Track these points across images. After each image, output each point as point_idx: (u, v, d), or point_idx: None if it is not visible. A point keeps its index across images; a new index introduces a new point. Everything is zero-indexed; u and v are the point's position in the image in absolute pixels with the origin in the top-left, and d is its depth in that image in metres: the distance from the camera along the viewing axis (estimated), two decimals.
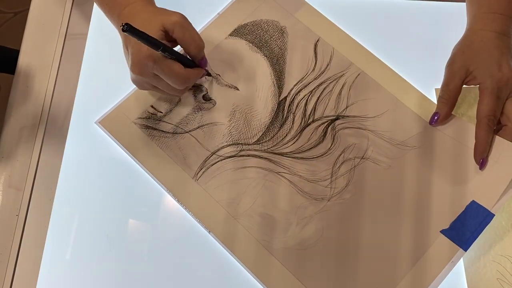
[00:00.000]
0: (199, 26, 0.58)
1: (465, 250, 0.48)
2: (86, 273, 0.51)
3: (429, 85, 0.57)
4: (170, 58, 0.48)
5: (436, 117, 0.53)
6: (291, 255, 0.49)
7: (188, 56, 0.51)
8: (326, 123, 0.55)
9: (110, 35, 0.56)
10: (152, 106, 0.56)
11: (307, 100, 0.56)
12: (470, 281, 0.49)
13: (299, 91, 0.56)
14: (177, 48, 0.51)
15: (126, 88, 0.57)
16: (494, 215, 0.49)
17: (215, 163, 0.53)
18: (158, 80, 0.49)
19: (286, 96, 0.56)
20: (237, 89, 0.57)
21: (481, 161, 0.51)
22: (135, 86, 0.52)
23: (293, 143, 0.54)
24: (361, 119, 0.55)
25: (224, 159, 0.53)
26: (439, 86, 0.54)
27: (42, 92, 0.59)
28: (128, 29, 0.42)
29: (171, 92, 0.52)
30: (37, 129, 0.57)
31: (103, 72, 0.59)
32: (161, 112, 0.55)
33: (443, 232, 0.49)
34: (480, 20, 0.53)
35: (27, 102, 0.58)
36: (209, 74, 0.56)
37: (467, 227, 0.49)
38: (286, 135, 0.54)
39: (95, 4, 0.61)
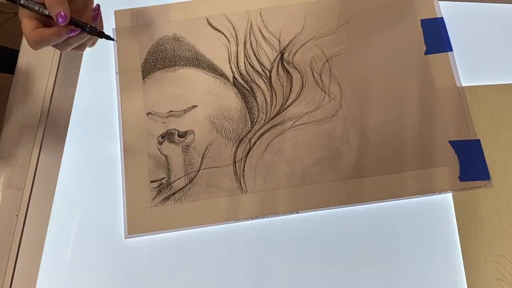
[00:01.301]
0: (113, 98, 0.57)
1: (489, 179, 0.52)
2: (86, 273, 0.51)
3: None
4: (31, 8, 0.42)
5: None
6: (362, 165, 0.53)
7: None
8: (279, 64, 0.58)
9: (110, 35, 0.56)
10: (152, 181, 0.54)
11: (250, 63, 0.58)
12: (470, 281, 0.49)
13: (237, 64, 0.58)
14: None
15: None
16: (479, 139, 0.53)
17: (244, 167, 0.54)
18: None
19: (233, 75, 0.57)
20: (196, 106, 0.56)
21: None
22: (124, 177, 0.54)
23: (276, 99, 0.56)
24: (296, 39, 0.58)
25: (246, 158, 0.54)
26: None
27: (42, 92, 0.59)
28: None
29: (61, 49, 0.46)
30: (36, 129, 0.57)
31: (103, 72, 0.59)
32: (163, 177, 0.54)
33: (461, 179, 0.52)
34: None
35: (26, 102, 0.58)
36: (103, 35, 0.47)
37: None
38: (265, 98, 0.56)
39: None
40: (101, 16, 0.47)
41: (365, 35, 0.58)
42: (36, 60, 0.60)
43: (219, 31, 0.59)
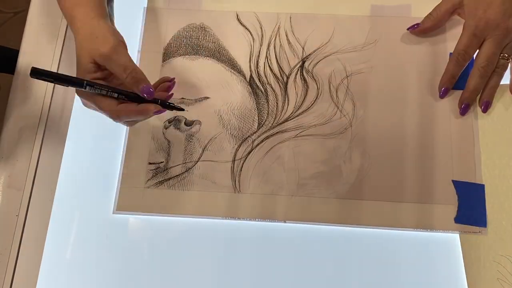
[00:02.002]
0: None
1: (485, 226, 0.50)
2: (86, 273, 0.51)
3: None
4: (107, 93, 0.45)
5: (415, 25, 0.57)
6: (360, 187, 0.52)
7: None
8: (298, 71, 0.57)
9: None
10: (150, 163, 0.54)
11: (269, 66, 0.58)
12: (470, 281, 0.49)
13: (257, 64, 0.58)
14: None
15: None
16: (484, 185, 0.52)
17: (242, 167, 0.54)
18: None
19: (251, 75, 0.57)
20: (208, 97, 0.57)
21: (443, 90, 0.54)
22: (123, 155, 0.54)
23: (288, 105, 0.56)
24: (321, 50, 0.58)
25: (246, 158, 0.54)
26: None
27: (42, 92, 0.59)
28: (35, 73, 0.39)
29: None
30: (36, 129, 0.57)
31: None
32: (161, 161, 0.55)
33: (457, 221, 0.51)
34: None
35: (26, 102, 0.58)
36: (174, 108, 0.51)
37: (472, 207, 0.51)
38: (277, 103, 0.56)
39: None
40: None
41: (390, 58, 0.57)
42: (36, 60, 0.60)
43: (246, 28, 0.60)
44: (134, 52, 0.58)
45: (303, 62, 0.57)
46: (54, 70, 0.60)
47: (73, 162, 0.55)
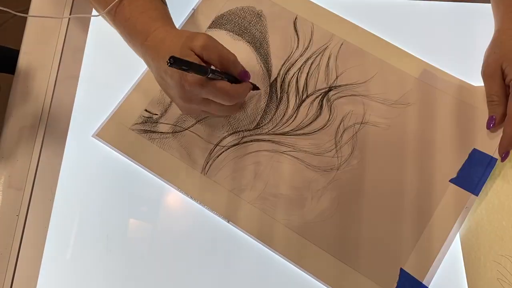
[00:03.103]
0: (176, 24, 0.57)
1: (477, 194, 0.50)
2: (86, 273, 0.51)
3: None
4: (216, 78, 0.47)
5: (492, 122, 0.52)
6: (312, 229, 0.50)
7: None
8: (320, 96, 0.56)
9: (110, 35, 0.56)
10: (146, 110, 0.56)
11: (297, 78, 0.57)
12: (471, 281, 0.49)
13: (287, 70, 0.57)
14: None
15: (126, 88, 0.57)
16: (497, 159, 0.51)
17: (220, 154, 0.54)
18: (208, 103, 0.49)
19: (276, 77, 0.57)
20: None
21: (504, 154, 0.50)
22: (128, 92, 0.53)
23: (292, 121, 0.55)
24: (352, 86, 0.56)
25: (228, 148, 0.54)
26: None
27: (42, 92, 0.59)
28: (175, 62, 0.41)
29: (223, 113, 0.53)
30: (37, 129, 0.57)
31: (104, 71, 0.59)
32: (156, 114, 0.55)
33: (452, 181, 0.50)
34: (508, 19, 0.53)
35: (27, 102, 0.58)
36: (256, 88, 0.55)
37: (474, 173, 0.51)
38: (284, 114, 0.56)
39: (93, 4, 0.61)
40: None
41: (413, 126, 0.54)
42: (37, 60, 0.60)
43: (297, 34, 0.59)
44: (188, 10, 0.59)
45: (329, 90, 0.56)
46: (54, 70, 0.60)
47: (73, 162, 0.55)
